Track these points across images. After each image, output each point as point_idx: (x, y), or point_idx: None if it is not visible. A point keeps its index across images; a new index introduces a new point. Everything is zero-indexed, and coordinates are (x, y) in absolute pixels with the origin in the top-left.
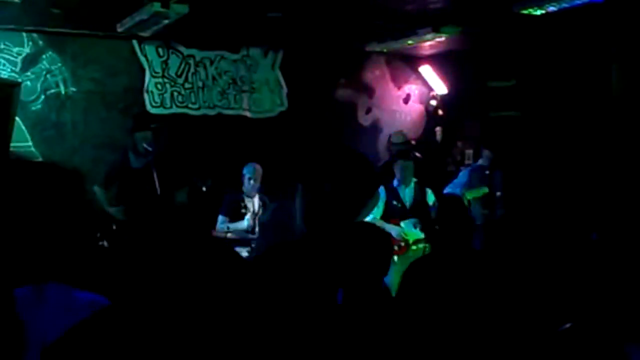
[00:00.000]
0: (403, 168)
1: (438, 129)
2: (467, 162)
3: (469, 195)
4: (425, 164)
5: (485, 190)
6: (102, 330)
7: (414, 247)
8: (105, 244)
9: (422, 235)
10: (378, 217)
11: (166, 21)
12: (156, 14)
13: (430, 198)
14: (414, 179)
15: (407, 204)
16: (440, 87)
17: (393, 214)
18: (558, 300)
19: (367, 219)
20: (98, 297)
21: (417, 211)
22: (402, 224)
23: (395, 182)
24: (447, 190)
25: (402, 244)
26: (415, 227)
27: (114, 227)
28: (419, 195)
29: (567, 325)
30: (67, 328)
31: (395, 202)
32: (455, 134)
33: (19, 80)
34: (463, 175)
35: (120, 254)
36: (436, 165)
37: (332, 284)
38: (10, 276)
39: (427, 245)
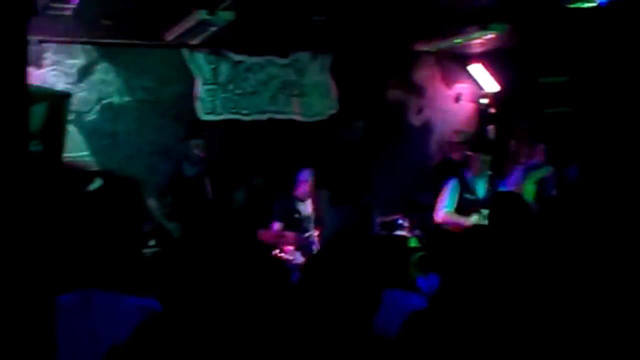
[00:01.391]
0: (482, 161)
1: (491, 127)
2: (521, 160)
3: (533, 178)
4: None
5: (549, 168)
6: (155, 338)
7: None
8: (159, 249)
9: None
10: (451, 209)
11: (213, 28)
12: (203, 21)
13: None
14: (488, 172)
15: (481, 196)
16: (491, 85)
17: (466, 206)
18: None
19: (441, 212)
20: (147, 301)
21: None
22: (473, 217)
23: (468, 175)
24: (501, 189)
25: None
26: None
27: (170, 235)
28: (493, 188)
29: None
30: (115, 333)
31: (468, 195)
32: (508, 132)
33: (74, 91)
34: (517, 174)
35: (175, 261)
36: (490, 165)
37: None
38: (56, 283)
39: None
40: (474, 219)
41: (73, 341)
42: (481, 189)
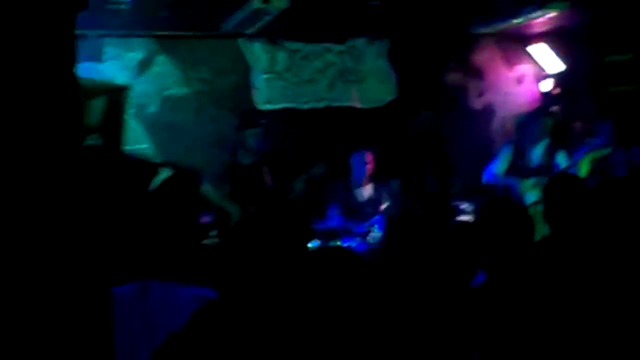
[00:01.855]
0: (542, 125)
1: (555, 108)
2: (586, 140)
3: (589, 157)
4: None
5: (609, 149)
6: (211, 326)
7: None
8: (219, 239)
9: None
10: (500, 173)
11: (268, 17)
12: (257, 10)
13: (562, 161)
14: (547, 140)
15: (534, 164)
16: (554, 66)
17: (518, 173)
18: None
19: (488, 174)
20: (203, 290)
21: (542, 172)
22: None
23: (524, 141)
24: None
25: None
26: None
27: (229, 224)
28: (547, 156)
29: None
30: (172, 323)
31: (521, 161)
32: (572, 113)
33: (134, 84)
34: (580, 154)
35: (234, 250)
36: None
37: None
38: (115, 275)
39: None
40: (526, 184)
41: (131, 331)
42: (536, 156)
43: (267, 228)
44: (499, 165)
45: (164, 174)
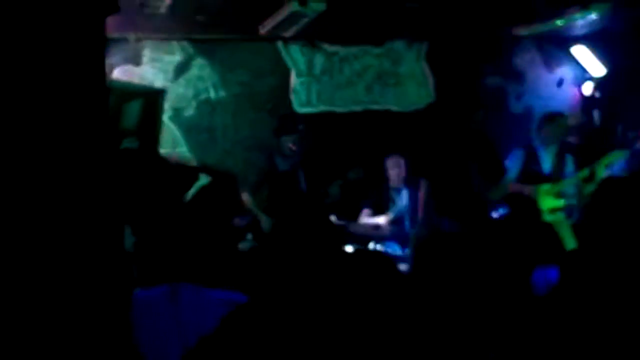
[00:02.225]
0: (555, 127)
1: (596, 112)
2: (629, 145)
3: (605, 161)
4: (584, 150)
5: (622, 154)
6: (241, 330)
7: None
8: (255, 243)
9: (560, 204)
10: (512, 179)
11: (305, 19)
12: (294, 13)
13: (569, 166)
14: (556, 145)
15: (546, 169)
16: (596, 69)
17: (530, 179)
18: None
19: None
20: (232, 294)
21: (554, 177)
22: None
23: (537, 145)
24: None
25: None
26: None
27: (264, 230)
28: (558, 161)
29: None
30: (202, 326)
31: (533, 166)
32: (615, 117)
33: (171, 87)
34: (621, 160)
35: (268, 255)
36: (596, 151)
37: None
38: (144, 278)
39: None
40: (541, 190)
41: (162, 333)
42: (547, 161)
43: (301, 233)
44: (511, 171)
45: (203, 178)
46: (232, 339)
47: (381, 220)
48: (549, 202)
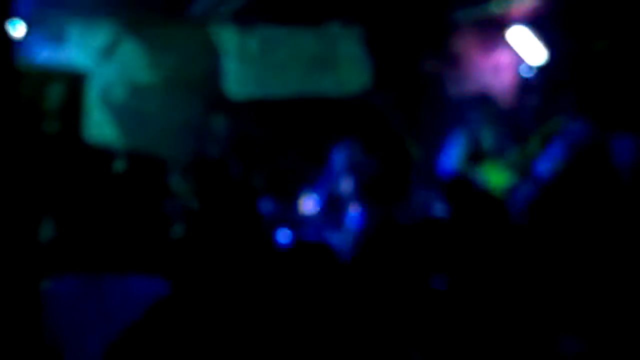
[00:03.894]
0: (489, 108)
1: (532, 99)
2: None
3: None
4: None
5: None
6: (165, 319)
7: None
8: (183, 231)
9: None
10: (458, 162)
11: (240, 1)
12: None
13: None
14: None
15: (485, 148)
16: (535, 53)
17: (472, 159)
18: None
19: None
20: (158, 283)
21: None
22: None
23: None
24: (540, 165)
25: None
26: None
27: (194, 215)
28: (498, 141)
29: None
30: (127, 315)
31: (473, 148)
32: (551, 105)
33: (98, 69)
34: (557, 145)
35: (196, 242)
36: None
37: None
38: (65, 267)
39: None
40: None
41: (84, 325)
42: (487, 140)
43: (230, 220)
44: (455, 155)
45: (126, 163)
46: (157, 328)
47: (318, 206)
48: (495, 177)
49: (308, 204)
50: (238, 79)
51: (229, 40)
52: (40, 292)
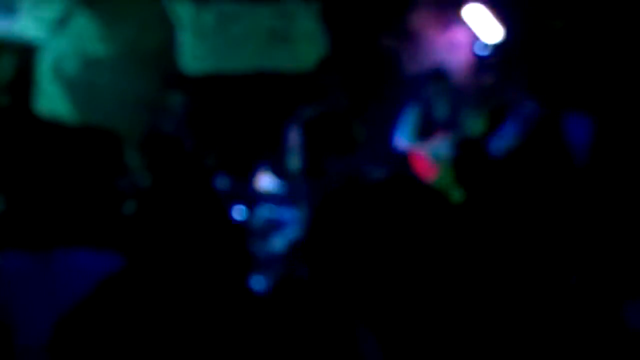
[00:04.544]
0: (440, 82)
1: (488, 76)
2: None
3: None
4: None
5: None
6: (115, 294)
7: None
8: (134, 206)
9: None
10: (410, 136)
11: None
12: None
13: (468, 118)
14: (450, 97)
15: (439, 121)
16: (489, 33)
17: (424, 133)
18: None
19: (398, 140)
20: (110, 258)
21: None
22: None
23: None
24: (493, 142)
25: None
26: None
27: (146, 190)
28: (453, 114)
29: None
30: (77, 293)
31: (426, 121)
32: (505, 82)
33: (50, 41)
34: (511, 124)
35: (143, 216)
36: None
37: None
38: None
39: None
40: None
41: (34, 302)
42: (441, 114)
43: (183, 196)
44: (407, 129)
45: (78, 136)
46: (107, 304)
47: (276, 181)
48: (444, 151)
49: (263, 181)
50: (193, 53)
51: (184, 13)
52: None
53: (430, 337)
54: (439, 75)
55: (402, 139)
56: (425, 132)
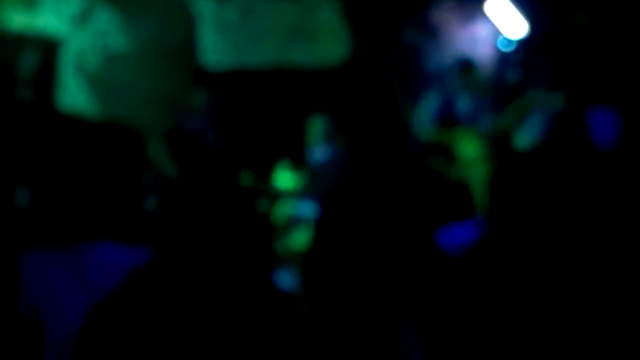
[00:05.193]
0: (466, 74)
1: (511, 71)
2: (540, 107)
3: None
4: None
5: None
6: (144, 288)
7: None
8: (159, 202)
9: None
10: (429, 123)
11: None
12: None
13: (486, 115)
14: (473, 91)
15: (461, 113)
16: (515, 27)
17: (446, 124)
18: None
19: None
20: (138, 252)
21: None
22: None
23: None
24: (517, 138)
25: None
26: None
27: (170, 185)
28: (474, 108)
29: None
30: (107, 286)
31: (447, 111)
32: (529, 77)
33: (74, 36)
34: (533, 121)
35: (170, 211)
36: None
37: None
38: (43, 238)
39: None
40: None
41: (64, 295)
42: (463, 106)
43: (208, 192)
44: (427, 116)
45: (104, 132)
46: (137, 297)
47: (298, 178)
48: (466, 145)
49: (285, 176)
50: (215, 48)
51: (206, 8)
52: (17, 264)
53: (468, 333)
54: (464, 67)
55: (424, 130)
56: (447, 125)
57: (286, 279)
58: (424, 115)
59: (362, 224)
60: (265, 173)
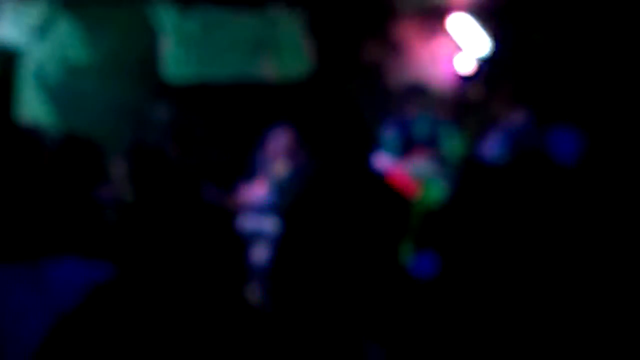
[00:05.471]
0: (423, 98)
1: (472, 89)
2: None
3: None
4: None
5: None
6: (104, 305)
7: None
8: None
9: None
10: (391, 155)
11: None
12: None
13: (446, 135)
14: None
15: (417, 137)
16: (475, 44)
17: (404, 149)
18: None
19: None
20: (98, 268)
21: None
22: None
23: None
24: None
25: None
26: None
27: (130, 200)
28: (432, 130)
29: None
30: (66, 302)
31: (404, 137)
32: (490, 94)
33: (33, 47)
34: (497, 138)
35: (130, 226)
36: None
37: None
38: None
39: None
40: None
41: (22, 313)
42: (420, 129)
43: (167, 207)
44: (388, 145)
45: (62, 145)
46: (97, 313)
47: (259, 191)
48: (426, 167)
49: (247, 191)
50: (177, 61)
51: (168, 20)
52: None
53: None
54: (420, 90)
55: (383, 156)
56: (406, 149)
57: (251, 292)
58: (384, 140)
59: (325, 238)
60: (226, 187)
